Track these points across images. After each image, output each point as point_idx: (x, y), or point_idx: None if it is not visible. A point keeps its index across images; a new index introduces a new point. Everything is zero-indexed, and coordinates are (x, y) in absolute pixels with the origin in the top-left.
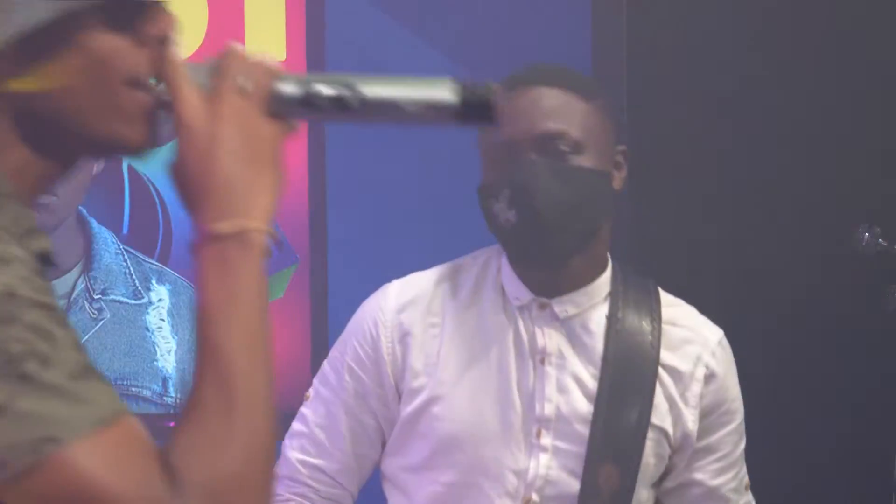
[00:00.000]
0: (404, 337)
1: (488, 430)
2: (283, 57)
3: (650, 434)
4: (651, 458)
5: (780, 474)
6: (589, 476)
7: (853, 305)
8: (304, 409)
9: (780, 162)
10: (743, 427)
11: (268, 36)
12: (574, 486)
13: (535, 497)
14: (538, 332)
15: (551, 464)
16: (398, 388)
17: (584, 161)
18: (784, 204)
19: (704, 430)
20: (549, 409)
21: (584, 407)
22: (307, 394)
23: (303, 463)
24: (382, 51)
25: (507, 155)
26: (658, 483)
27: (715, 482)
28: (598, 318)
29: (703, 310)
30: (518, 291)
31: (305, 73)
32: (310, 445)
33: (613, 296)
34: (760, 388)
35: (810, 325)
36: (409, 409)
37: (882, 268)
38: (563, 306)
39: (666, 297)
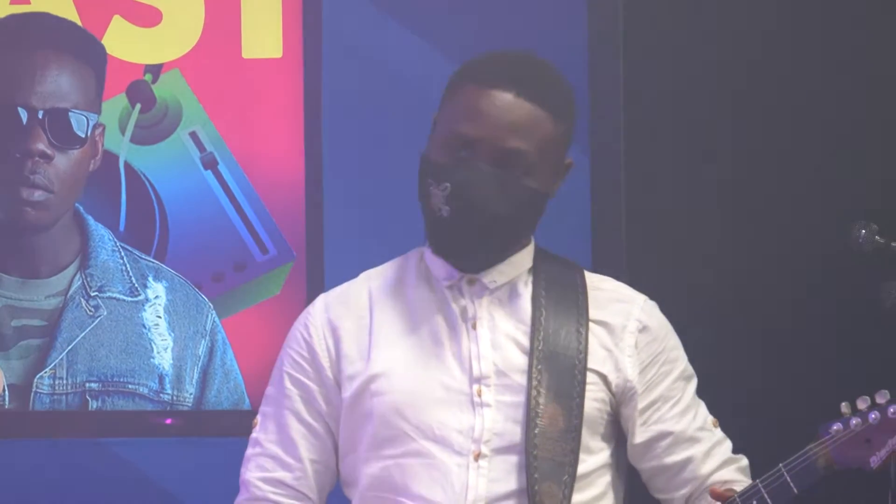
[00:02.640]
0: (335, 331)
1: (428, 395)
2: (280, 55)
3: (590, 378)
4: (593, 402)
5: None
6: (533, 417)
7: (850, 302)
8: (254, 435)
9: (778, 158)
10: (689, 370)
11: (264, 34)
12: (521, 433)
13: (484, 450)
14: (468, 303)
15: (496, 417)
16: (337, 380)
17: (532, 181)
18: (781, 201)
19: (652, 384)
20: (485, 367)
21: (521, 359)
22: (255, 421)
23: (262, 479)
24: (379, 48)
25: (460, 148)
26: (615, 439)
27: (679, 427)
28: (524, 283)
29: (700, 307)
30: (446, 272)
31: None
32: (266, 462)
33: (536, 267)
34: (757, 385)
35: (807, 322)
36: (349, 393)
37: (879, 265)
38: (491, 276)
39: (590, 273)
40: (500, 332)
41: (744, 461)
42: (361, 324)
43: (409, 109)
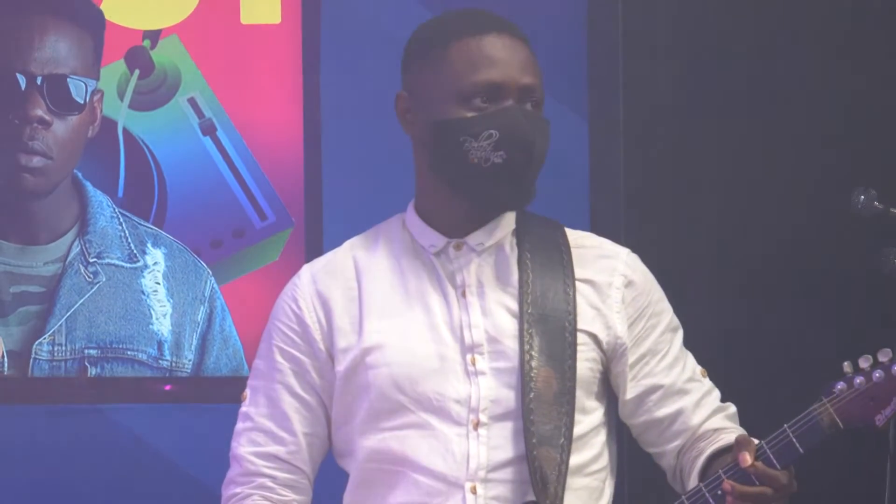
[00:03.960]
0: (325, 303)
1: (424, 366)
2: (279, 21)
3: (580, 338)
4: (586, 362)
5: None
6: (528, 382)
7: (850, 267)
8: (244, 409)
9: (779, 129)
10: (675, 321)
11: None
12: (517, 399)
13: (482, 418)
14: (456, 269)
15: (492, 384)
16: (329, 352)
17: (543, 114)
18: (783, 167)
19: (640, 338)
20: (477, 335)
21: (511, 324)
22: (244, 394)
23: (255, 454)
24: (377, 14)
25: (490, 98)
26: (607, 397)
27: (668, 380)
28: (510, 245)
29: (702, 271)
30: (432, 239)
31: None
32: (258, 436)
33: (519, 227)
34: (757, 348)
35: (807, 287)
36: (343, 367)
37: (878, 230)
38: (478, 239)
39: (570, 230)
40: (490, 299)
41: (732, 409)
42: (351, 295)
43: None
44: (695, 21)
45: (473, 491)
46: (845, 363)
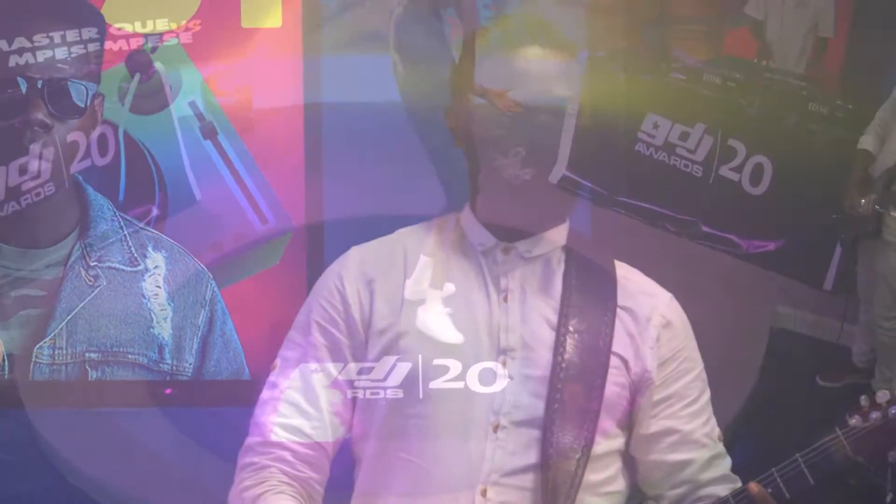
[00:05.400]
0: (369, 284)
1: (454, 359)
2: (279, 24)
3: (612, 361)
4: (614, 385)
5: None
6: (554, 393)
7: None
8: (272, 379)
9: (790, 137)
10: (704, 376)
11: (263, 4)
12: (542, 408)
13: (503, 422)
14: (501, 272)
15: (518, 390)
16: (366, 334)
17: (578, 121)
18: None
19: (669, 379)
20: (512, 339)
21: (548, 335)
22: (273, 364)
23: (279, 425)
24: (378, 18)
25: (521, 113)
26: (629, 429)
27: (688, 427)
28: (557, 260)
29: (702, 270)
30: (482, 238)
31: None
32: (285, 408)
33: (570, 246)
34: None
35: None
36: (377, 348)
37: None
38: (527, 246)
39: (619, 262)
40: (530, 306)
41: (738, 484)
42: (396, 281)
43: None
44: None
45: (483, 494)
46: (862, 397)
